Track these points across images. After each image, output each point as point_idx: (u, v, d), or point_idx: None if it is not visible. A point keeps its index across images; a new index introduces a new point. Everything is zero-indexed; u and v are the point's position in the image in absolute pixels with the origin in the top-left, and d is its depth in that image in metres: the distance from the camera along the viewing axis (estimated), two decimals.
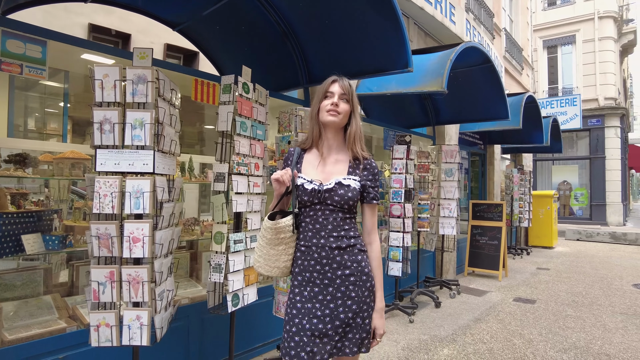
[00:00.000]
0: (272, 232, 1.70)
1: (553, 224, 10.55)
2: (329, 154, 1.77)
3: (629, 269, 7.60)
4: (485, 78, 5.29)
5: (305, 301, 1.67)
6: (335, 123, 1.71)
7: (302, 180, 1.72)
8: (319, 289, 1.66)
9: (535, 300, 5.37)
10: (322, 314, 1.64)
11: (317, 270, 1.67)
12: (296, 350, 1.61)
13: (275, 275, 1.78)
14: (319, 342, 1.61)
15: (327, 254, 1.66)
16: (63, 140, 2.95)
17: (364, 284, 1.68)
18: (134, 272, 1.98)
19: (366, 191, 1.74)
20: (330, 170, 1.74)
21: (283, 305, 3.07)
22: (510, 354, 3.59)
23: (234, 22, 3.70)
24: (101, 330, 1.97)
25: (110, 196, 1.97)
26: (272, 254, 1.74)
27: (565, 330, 4.22)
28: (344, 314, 1.64)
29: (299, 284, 1.71)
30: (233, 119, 2.57)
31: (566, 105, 13.82)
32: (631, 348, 3.75)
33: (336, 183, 1.69)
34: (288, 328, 1.67)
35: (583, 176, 16.43)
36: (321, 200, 1.68)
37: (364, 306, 1.68)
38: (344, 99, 1.72)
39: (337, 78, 1.77)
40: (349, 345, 1.65)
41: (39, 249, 2.46)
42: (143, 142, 2.02)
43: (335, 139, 1.77)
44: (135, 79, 2.03)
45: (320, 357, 1.60)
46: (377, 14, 3.07)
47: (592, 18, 16.43)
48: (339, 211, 1.68)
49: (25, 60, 2.18)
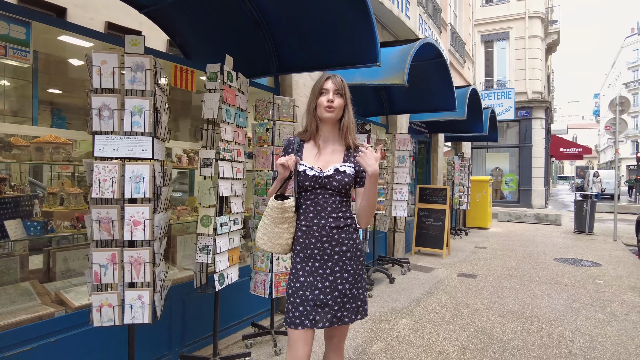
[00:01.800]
0: (278, 211, 1.86)
1: (488, 207, 11.51)
2: (326, 145, 1.94)
3: (551, 246, 8.58)
4: (436, 72, 5.69)
5: (307, 275, 1.83)
6: (333, 118, 1.88)
7: (303, 167, 1.87)
8: (319, 264, 1.83)
9: (476, 275, 5.97)
10: (323, 286, 1.81)
11: (317, 247, 1.84)
12: (300, 319, 1.78)
13: (277, 252, 1.93)
14: (320, 311, 1.79)
15: (327, 232, 1.83)
16: (33, 124, 2.84)
17: (357, 259, 1.89)
18: (136, 253, 2.06)
19: (359, 176, 1.91)
20: (328, 159, 1.90)
21: (261, 284, 3.24)
22: (459, 320, 4.04)
23: (206, 8, 3.70)
24: (103, 310, 2.04)
25: (110, 181, 2.03)
26: (276, 232, 1.89)
27: (502, 299, 4.79)
28: (342, 285, 1.82)
29: (300, 260, 1.87)
30: (219, 106, 2.66)
31: (502, 97, 14.94)
32: (554, 310, 4.37)
33: (334, 170, 1.86)
34: (292, 300, 1.83)
35: (513, 163, 17.92)
36: (321, 185, 1.85)
37: (358, 278, 1.88)
38: (337, 94, 1.87)
39: (330, 75, 1.91)
40: (348, 314, 1.84)
41: (21, 235, 2.43)
42: (142, 128, 2.08)
43: (332, 131, 1.94)
44: (134, 66, 2.08)
45: (322, 324, 1.78)
46: (350, 9, 3.24)
47: (524, 17, 17.75)
48: (337, 195, 1.86)
49: (10, 42, 2.13)
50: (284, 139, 3.30)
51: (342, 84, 1.90)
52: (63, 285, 2.73)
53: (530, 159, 17.09)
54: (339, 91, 1.87)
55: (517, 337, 3.63)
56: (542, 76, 18.22)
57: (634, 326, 3.96)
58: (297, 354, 1.75)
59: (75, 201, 2.83)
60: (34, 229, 2.46)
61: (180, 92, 4.55)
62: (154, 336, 2.84)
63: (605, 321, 4.08)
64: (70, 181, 3.02)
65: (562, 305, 4.59)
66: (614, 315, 4.27)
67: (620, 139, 10.62)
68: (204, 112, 2.67)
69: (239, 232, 3.02)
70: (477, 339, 3.60)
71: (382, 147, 5.89)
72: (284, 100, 3.35)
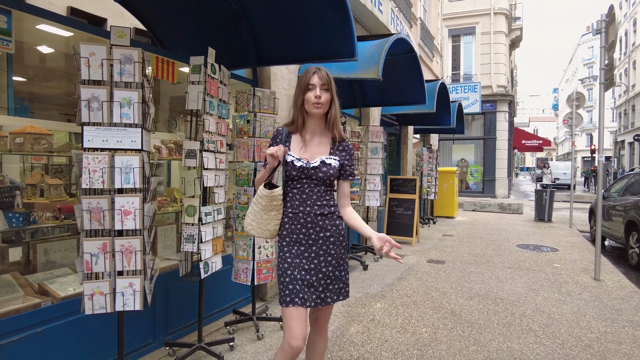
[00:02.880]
0: (267, 199, 1.94)
1: (454, 197, 11.96)
2: (313, 137, 2.01)
3: (513, 233, 9.06)
4: (408, 66, 5.88)
5: (294, 257, 1.94)
6: (320, 113, 1.96)
7: (291, 157, 1.95)
8: (304, 247, 1.95)
9: (444, 261, 6.26)
10: (309, 267, 1.92)
11: (302, 232, 1.95)
12: (291, 297, 1.87)
13: (265, 237, 2.03)
14: (307, 291, 1.90)
15: (312, 219, 1.93)
16: (9, 114, 2.78)
17: (340, 244, 2.00)
18: (127, 242, 2.11)
19: (343, 169, 2.02)
20: (315, 151, 1.99)
21: (243, 272, 3.33)
22: (430, 303, 4.28)
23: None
24: (95, 298, 2.09)
25: (100, 172, 2.06)
26: (265, 219, 1.98)
27: (469, 283, 5.08)
28: (326, 268, 1.94)
29: (287, 244, 1.97)
30: (203, 98, 2.71)
31: (468, 91, 15.43)
32: (517, 292, 4.69)
33: (320, 162, 1.95)
34: (282, 279, 1.93)
35: (477, 154, 18.58)
36: (308, 176, 1.94)
37: (340, 261, 1.99)
38: (324, 89, 1.93)
39: (316, 69, 1.95)
40: (331, 295, 1.95)
41: (2, 226, 2.41)
42: (132, 120, 2.12)
43: (319, 124, 2.01)
44: (123, 58, 2.11)
45: (309, 303, 1.89)
46: (329, 5, 3.33)
47: (489, 13, 18.31)
48: (322, 185, 1.96)
49: None
50: (264, 130, 3.38)
51: (327, 77, 1.95)
52: (45, 277, 2.72)
53: (494, 151, 17.79)
54: (326, 86, 1.93)
55: (483, 317, 3.90)
56: (506, 71, 18.90)
57: (586, 304, 4.32)
58: (293, 332, 1.83)
59: (55, 192, 2.81)
60: (16, 221, 2.45)
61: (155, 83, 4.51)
62: (138, 325, 2.88)
63: (561, 300, 4.43)
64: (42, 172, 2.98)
65: (524, 287, 4.92)
66: (569, 294, 4.63)
67: (576, 132, 11.25)
68: (188, 103, 2.71)
69: (222, 221, 3.09)
70: (447, 319, 3.83)
71: (356, 140, 6.04)
72: (264, 92, 3.42)
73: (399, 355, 3.11)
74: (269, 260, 3.36)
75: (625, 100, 38.17)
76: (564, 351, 3.21)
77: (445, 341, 3.36)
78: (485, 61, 18.36)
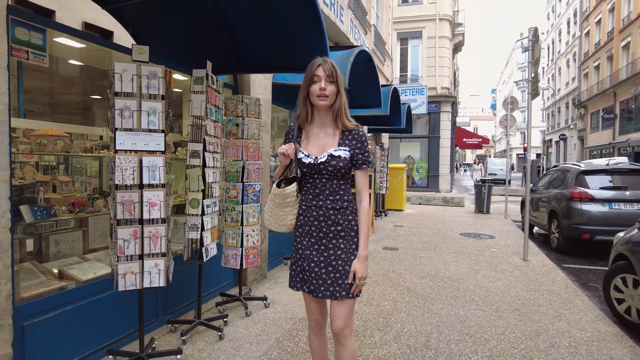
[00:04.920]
0: (280, 197, 2.01)
1: (403, 191, 12.89)
2: (321, 129, 1.99)
3: (456, 223, 10.07)
4: (366, 73, 6.51)
5: (305, 249, 2.00)
6: (326, 105, 1.92)
7: (301, 154, 1.96)
8: (315, 239, 1.98)
9: (397, 248, 7.00)
10: (318, 260, 1.96)
11: (315, 225, 1.97)
12: (300, 284, 2.02)
13: (282, 231, 2.09)
14: (315, 282, 1.95)
15: (324, 212, 1.95)
16: (19, 116, 3.02)
17: (351, 239, 1.98)
18: (154, 229, 2.52)
19: (355, 158, 1.95)
20: (324, 143, 1.96)
21: (232, 258, 3.78)
22: (389, 282, 4.94)
23: (172, 9, 4.02)
24: (127, 277, 2.48)
25: (131, 170, 2.45)
26: (280, 215, 2.05)
27: (420, 265, 5.82)
28: (335, 262, 1.94)
29: (299, 235, 2.04)
30: (205, 106, 3.12)
31: (416, 94, 16.51)
32: (460, 272, 5.48)
33: (328, 156, 1.92)
34: (293, 267, 2.05)
35: (423, 152, 19.83)
36: (318, 171, 1.94)
37: (351, 256, 1.96)
38: (329, 81, 1.88)
39: (322, 62, 1.91)
40: (340, 290, 1.92)
41: (30, 219, 2.70)
42: (157, 126, 2.52)
43: (326, 116, 1.97)
44: (149, 74, 2.50)
45: (316, 294, 1.95)
46: (306, 21, 3.81)
47: (434, 19, 19.54)
48: (333, 179, 1.95)
49: (31, 47, 2.41)
50: (251, 133, 3.83)
51: (332, 69, 1.90)
52: (60, 264, 3.02)
53: (438, 149, 19.11)
54: (331, 78, 1.89)
55: (434, 292, 4.61)
56: (449, 73, 20.28)
57: (516, 279, 5.19)
58: (310, 310, 2.06)
59: (66, 188, 3.11)
60: (40, 214, 2.74)
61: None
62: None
63: (497, 277, 5.27)
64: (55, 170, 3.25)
65: (466, 268, 5.73)
66: (503, 273, 5.50)
67: (511, 132, 12.55)
68: (192, 110, 3.12)
69: (217, 213, 3.52)
70: (405, 294, 4.50)
71: None
72: (251, 99, 3.86)
73: (368, 323, 3.71)
74: (255, 247, 3.83)
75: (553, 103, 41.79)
76: (498, 314, 3.97)
77: (404, 310, 4.01)
78: (430, 64, 19.60)
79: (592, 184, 7.19)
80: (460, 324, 3.71)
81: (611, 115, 25.35)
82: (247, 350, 3.11)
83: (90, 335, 2.78)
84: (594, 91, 28.52)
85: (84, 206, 3.13)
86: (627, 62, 23.85)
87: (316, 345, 2.15)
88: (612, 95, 25.46)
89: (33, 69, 3.15)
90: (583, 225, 6.83)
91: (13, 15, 2.32)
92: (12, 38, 2.32)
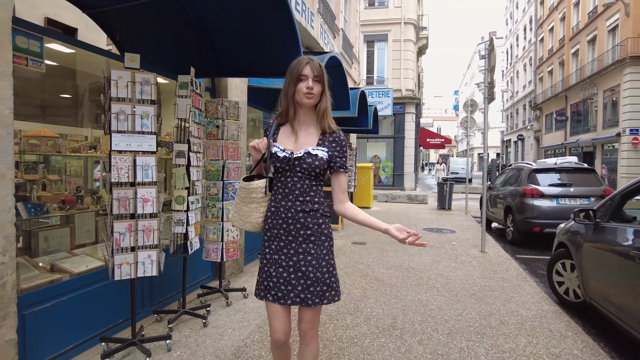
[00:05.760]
0: (245, 191, 1.94)
1: (370, 190, 13.36)
2: (302, 128, 1.94)
3: (420, 219, 10.62)
4: (336, 78, 6.84)
5: (273, 253, 1.92)
6: (311, 104, 1.89)
7: (276, 148, 1.90)
8: (284, 243, 1.89)
9: (366, 243, 7.40)
10: (287, 264, 1.88)
11: (283, 228, 1.89)
12: (264, 292, 1.92)
13: (247, 229, 2.00)
14: (284, 289, 1.87)
15: (292, 215, 1.87)
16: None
17: (322, 244, 1.91)
18: (147, 223, 2.74)
19: (333, 161, 1.91)
20: (302, 142, 1.91)
21: (213, 252, 4.02)
22: (358, 273, 5.31)
23: (153, 15, 4.20)
24: (123, 267, 2.69)
25: (126, 169, 2.67)
26: (245, 211, 1.97)
27: (387, 257, 6.23)
28: (305, 267, 1.86)
29: (267, 239, 1.95)
30: (189, 110, 3.36)
31: (382, 96, 17.07)
32: (424, 263, 5.93)
33: (305, 152, 1.86)
34: (260, 274, 1.97)
35: (388, 151, 20.47)
36: (291, 167, 1.86)
37: (322, 262, 1.88)
38: (316, 80, 1.86)
39: (309, 60, 1.88)
40: (312, 297, 1.85)
41: (25, 215, 2.85)
42: (149, 129, 2.75)
43: (308, 115, 1.94)
44: (143, 81, 2.72)
45: (284, 301, 1.86)
46: (281, 31, 4.09)
47: (400, 22, 20.19)
48: (306, 178, 1.87)
49: (29, 54, 2.58)
50: (230, 134, 4.08)
51: (320, 69, 1.89)
52: (50, 259, 3.18)
53: (403, 148, 19.79)
54: (318, 77, 1.87)
55: (400, 281, 5.01)
56: (414, 76, 21.02)
57: (473, 268, 5.68)
58: (272, 327, 1.93)
59: (55, 187, 3.26)
60: (35, 211, 2.90)
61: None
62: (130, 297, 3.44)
63: (456, 267, 5.74)
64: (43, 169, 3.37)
65: (429, 259, 6.19)
66: (462, 263, 5.99)
67: (471, 133, 13.29)
68: (178, 113, 3.34)
69: (200, 209, 3.75)
70: (373, 283, 4.88)
71: None
72: (230, 102, 4.11)
73: (340, 308, 4.05)
74: (235, 241, 4.08)
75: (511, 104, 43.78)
76: (457, 298, 4.40)
77: (373, 297, 4.38)
78: (396, 66, 20.24)
79: (542, 181, 7.85)
80: (423, 307, 4.11)
81: (563, 117, 27.01)
82: (231, 335, 3.38)
83: (83, 324, 2.96)
84: (548, 94, 30.25)
85: (74, 203, 3.29)
86: (576, 67, 25.50)
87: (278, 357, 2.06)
88: (563, 98, 27.12)
89: (21, 74, 3.27)
90: (534, 219, 7.48)
91: (14, 24, 2.48)
92: (13, 46, 2.48)
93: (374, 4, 20.72)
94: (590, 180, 7.75)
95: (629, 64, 18.87)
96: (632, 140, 18.74)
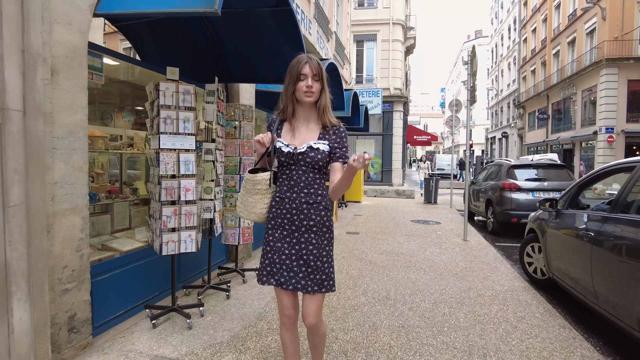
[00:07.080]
0: (250, 183, 2.04)
1: (361, 185, 14.05)
2: (303, 124, 2.02)
3: (407, 212, 11.33)
4: (332, 81, 7.44)
5: (276, 241, 2.01)
6: (311, 102, 1.96)
7: (280, 144, 1.99)
8: (287, 232, 1.99)
9: (359, 232, 8.06)
10: (289, 252, 1.98)
11: (287, 218, 1.98)
12: (267, 277, 2.02)
13: (252, 220, 2.10)
14: (286, 275, 1.97)
15: (297, 206, 1.96)
16: None
17: (323, 235, 2.01)
18: (189, 208, 3.34)
19: (334, 152, 1.97)
20: (304, 137, 1.99)
21: (231, 236, 4.61)
22: (354, 257, 5.97)
23: (172, 27, 4.74)
24: (169, 244, 3.28)
25: (172, 163, 3.25)
26: (250, 202, 2.06)
27: (379, 245, 6.90)
28: (306, 256, 1.96)
29: (271, 227, 2.04)
30: (216, 114, 3.94)
31: (372, 95, 17.75)
32: (412, 249, 6.62)
33: (308, 147, 1.94)
34: (262, 260, 2.06)
35: (377, 148, 21.16)
36: (295, 162, 1.95)
37: (323, 252, 1.99)
38: (315, 79, 1.93)
39: (308, 59, 1.94)
40: (312, 285, 1.96)
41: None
42: (190, 131, 3.33)
43: (309, 112, 2.02)
44: (184, 91, 3.30)
45: (286, 286, 1.97)
46: (287, 41, 4.66)
47: (388, 22, 20.81)
48: (310, 171, 1.96)
49: (94, 70, 3.13)
50: (246, 134, 4.67)
51: (319, 68, 1.95)
52: (99, 240, 3.74)
53: (391, 145, 20.50)
54: (317, 76, 1.94)
55: (391, 263, 5.68)
56: (402, 75, 21.71)
57: (456, 254, 6.38)
58: (282, 305, 2.07)
59: (101, 179, 3.82)
60: (91, 199, 3.45)
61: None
62: (163, 274, 4.03)
63: (441, 253, 6.44)
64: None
65: (416, 246, 6.88)
66: (446, 249, 6.68)
67: (456, 131, 14.04)
68: (206, 116, 3.92)
69: (221, 199, 4.34)
70: (368, 265, 5.54)
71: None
72: (246, 106, 4.70)
73: (341, 284, 4.69)
74: (249, 227, 4.68)
75: (496, 103, 44.89)
76: (441, 277, 5.08)
77: (368, 276, 5.04)
78: (384, 65, 20.88)
79: (520, 176, 8.60)
80: (412, 284, 4.78)
81: (545, 115, 28.08)
82: (251, 305, 3.99)
83: (130, 294, 3.55)
84: (531, 93, 31.32)
85: (118, 193, 3.85)
86: (557, 68, 26.53)
87: (288, 341, 2.13)
88: (545, 97, 28.18)
89: None
90: (512, 210, 8.22)
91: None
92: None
93: (364, 5, 21.31)
94: (563, 175, 8.53)
95: (605, 66, 19.89)
96: (608, 138, 19.80)
